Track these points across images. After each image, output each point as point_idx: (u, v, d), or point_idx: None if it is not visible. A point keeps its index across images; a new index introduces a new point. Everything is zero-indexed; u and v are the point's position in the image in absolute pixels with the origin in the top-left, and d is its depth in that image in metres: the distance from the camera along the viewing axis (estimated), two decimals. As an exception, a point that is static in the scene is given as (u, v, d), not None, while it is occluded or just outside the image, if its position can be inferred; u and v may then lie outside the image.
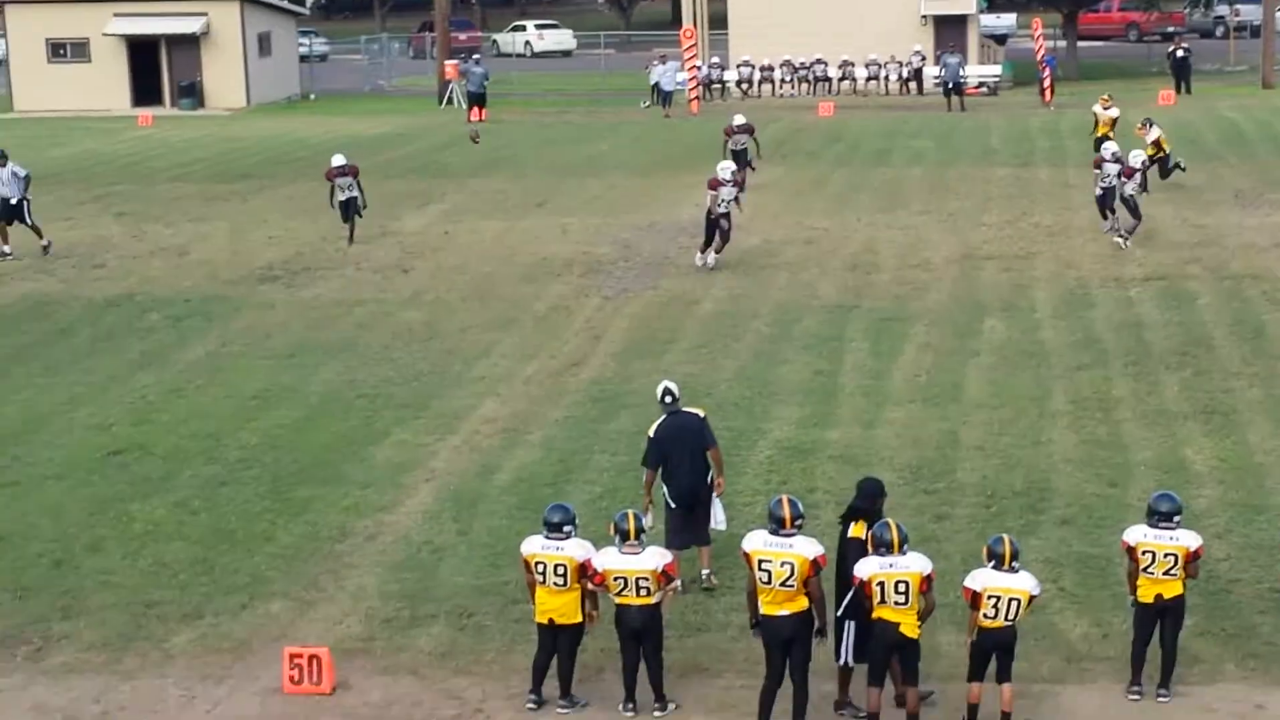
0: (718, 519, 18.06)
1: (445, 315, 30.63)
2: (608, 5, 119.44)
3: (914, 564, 14.70)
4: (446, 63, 69.27)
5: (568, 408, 24.79)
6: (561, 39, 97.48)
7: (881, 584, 14.63)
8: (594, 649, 16.31)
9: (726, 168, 33.70)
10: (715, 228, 33.09)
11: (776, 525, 14.86)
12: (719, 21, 71.96)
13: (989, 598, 14.83)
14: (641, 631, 15.39)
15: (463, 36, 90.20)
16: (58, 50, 71.87)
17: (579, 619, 15.57)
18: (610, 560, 15.37)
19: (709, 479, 17.97)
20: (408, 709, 15.67)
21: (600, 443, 23.05)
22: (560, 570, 15.38)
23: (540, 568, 15.45)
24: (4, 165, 35.97)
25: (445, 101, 68.30)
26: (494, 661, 16.55)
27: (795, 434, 23.16)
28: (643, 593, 15.30)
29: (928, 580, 14.74)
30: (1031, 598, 14.96)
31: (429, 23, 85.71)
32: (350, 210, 36.83)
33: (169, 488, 21.68)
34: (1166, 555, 15.30)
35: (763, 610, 14.82)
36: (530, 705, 15.58)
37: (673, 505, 17.94)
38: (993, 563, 14.94)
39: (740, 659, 16.30)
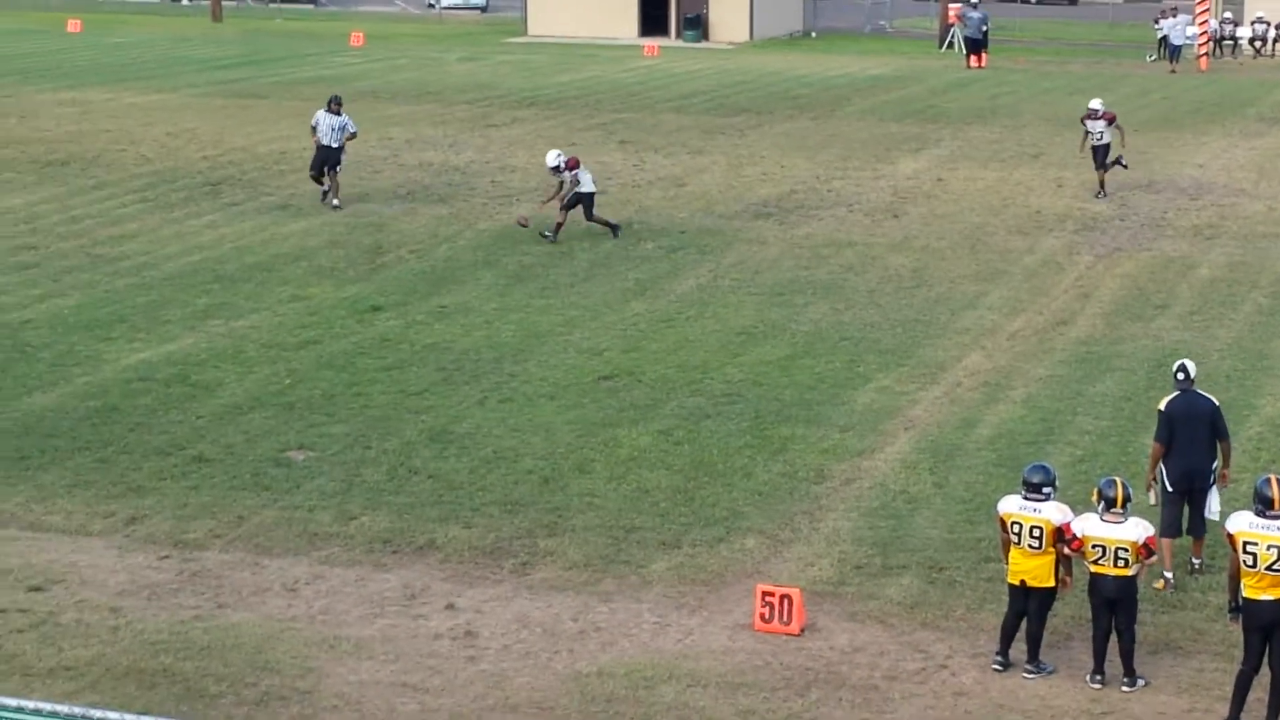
0: (1212, 508, 17.53)
1: (934, 263, 30.56)
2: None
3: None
4: (950, 5, 68.68)
5: (1052, 366, 24.49)
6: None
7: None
8: (1064, 615, 16.16)
9: None
10: None
11: (1264, 506, 14.44)
12: (1235, -25, 69.60)
13: None
14: (1115, 602, 15.17)
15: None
16: (574, -23, 73.88)
17: (1052, 583, 15.43)
18: (1090, 526, 15.17)
19: (1211, 467, 17.49)
20: (873, 657, 15.79)
21: (1084, 405, 22.72)
22: (1036, 532, 15.26)
23: (1016, 528, 15.36)
24: (338, 114, 34.65)
25: (945, 45, 67.78)
26: (962, 618, 16.54)
27: (1289, 412, 22.44)
28: (1120, 563, 15.07)
29: None
30: None
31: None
32: (579, 205, 31.98)
33: (654, 416, 22.24)
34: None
35: (1245, 594, 14.43)
36: (996, 666, 15.53)
37: (1169, 489, 17.50)
38: None
39: (1216, 640, 15.94)
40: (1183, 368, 17.81)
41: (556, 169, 32.01)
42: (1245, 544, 14.33)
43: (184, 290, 28.29)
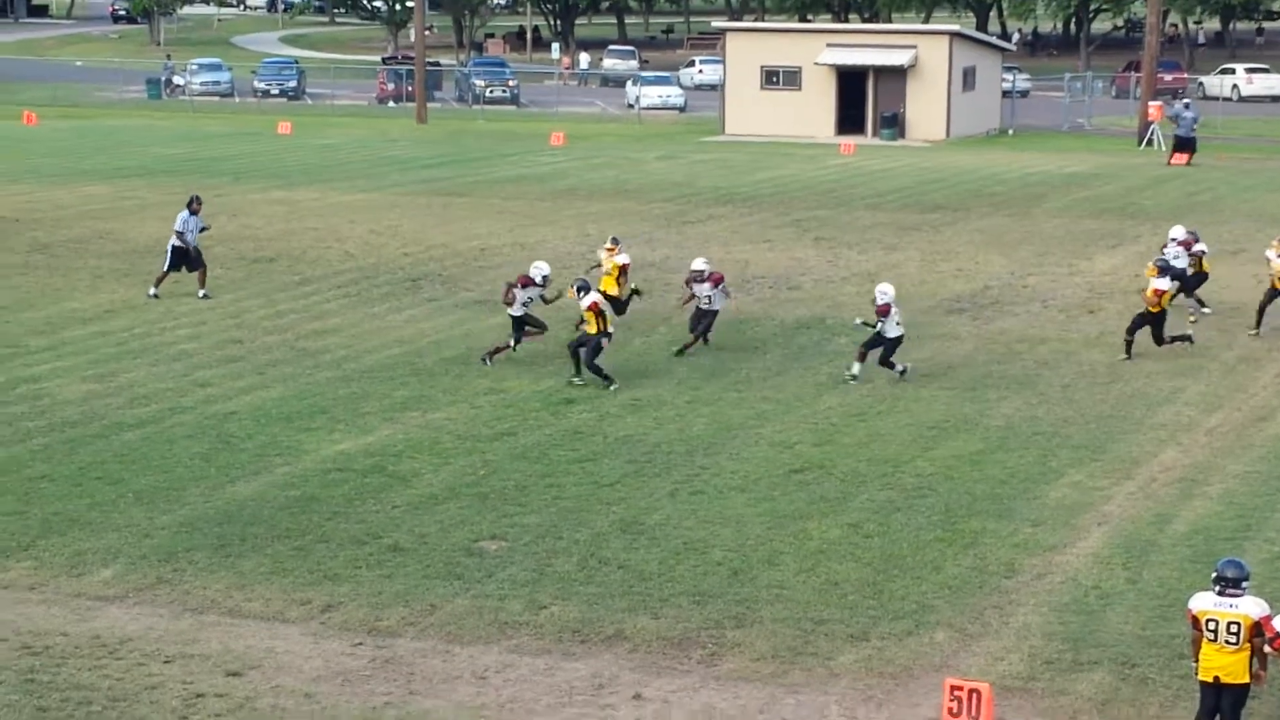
0: None
1: (1131, 358, 30.23)
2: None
3: None
4: (1150, 103, 68.13)
5: (1251, 462, 24.12)
6: (1272, 84, 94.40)
7: None
8: (1261, 714, 15.87)
9: None
10: None
11: None
12: None
13: None
14: (1313, 701, 14.91)
15: (1168, 78, 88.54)
16: (771, 77, 74.46)
17: (1246, 679, 15.18)
18: (1292, 623, 14.93)
19: None
20: (1063, 752, 15.64)
21: (1283, 501, 22.37)
22: (1234, 628, 15.03)
23: (1211, 625, 15.13)
24: (195, 213, 35.86)
25: (1145, 143, 67.19)
26: (1155, 716, 16.28)
27: None
28: (1319, 661, 14.81)
29: None
30: None
31: (1135, 62, 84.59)
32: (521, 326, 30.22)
33: (845, 509, 22.23)
34: None
35: None
36: (1189, 763, 15.32)
37: None
38: None
39: None
40: None
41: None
42: None
43: (383, 383, 28.82)
